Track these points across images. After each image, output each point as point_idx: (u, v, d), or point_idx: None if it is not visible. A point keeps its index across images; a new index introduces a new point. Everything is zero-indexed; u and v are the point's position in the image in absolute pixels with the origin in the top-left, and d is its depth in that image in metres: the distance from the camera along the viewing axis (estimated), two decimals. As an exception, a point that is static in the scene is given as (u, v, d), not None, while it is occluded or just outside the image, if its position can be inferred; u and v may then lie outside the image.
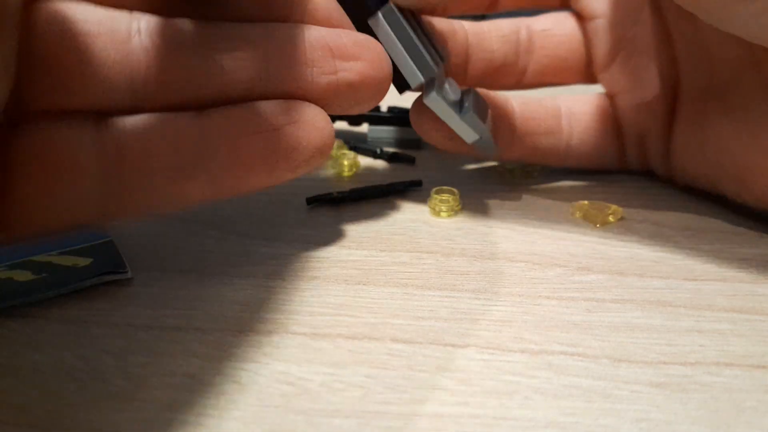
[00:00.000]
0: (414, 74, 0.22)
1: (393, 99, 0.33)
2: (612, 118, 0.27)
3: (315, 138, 0.19)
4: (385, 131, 0.32)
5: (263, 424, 0.15)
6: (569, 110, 0.27)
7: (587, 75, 0.27)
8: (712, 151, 0.24)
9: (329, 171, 0.29)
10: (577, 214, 0.25)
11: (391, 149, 0.31)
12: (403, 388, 0.16)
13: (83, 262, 0.20)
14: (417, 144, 0.32)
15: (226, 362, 0.16)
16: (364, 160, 0.30)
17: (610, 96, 0.27)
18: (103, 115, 0.17)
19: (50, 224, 0.17)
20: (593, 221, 0.24)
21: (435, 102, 0.22)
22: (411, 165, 0.30)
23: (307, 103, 0.19)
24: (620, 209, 0.25)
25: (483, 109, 0.24)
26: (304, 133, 0.19)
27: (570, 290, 0.20)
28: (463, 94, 0.23)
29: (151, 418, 0.15)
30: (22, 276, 0.19)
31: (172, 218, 0.24)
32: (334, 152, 0.30)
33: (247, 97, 0.19)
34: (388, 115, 0.32)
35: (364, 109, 0.21)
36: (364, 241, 0.23)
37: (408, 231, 0.23)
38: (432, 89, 0.22)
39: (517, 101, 0.26)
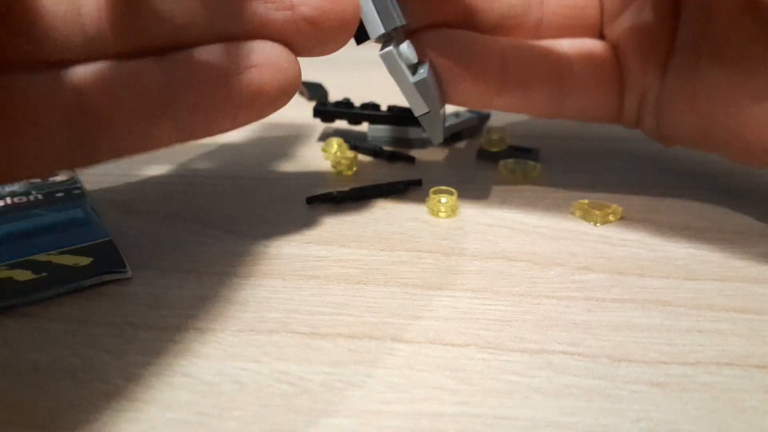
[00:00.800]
0: (376, 24, 0.21)
1: (393, 98, 0.33)
2: (615, 68, 0.26)
3: (278, 80, 0.19)
4: (386, 130, 0.32)
5: (263, 424, 0.15)
6: (568, 56, 0.25)
7: (599, 32, 0.26)
8: (703, 101, 0.23)
9: (329, 171, 0.29)
10: (577, 214, 0.25)
11: (391, 148, 0.31)
12: (403, 387, 0.16)
13: (83, 261, 0.20)
14: (417, 143, 0.32)
15: (226, 362, 0.16)
16: (364, 160, 0.30)
17: (615, 47, 0.26)
18: (62, 65, 0.18)
19: (16, 172, 0.18)
20: (593, 220, 0.24)
21: (389, 58, 0.22)
22: (411, 164, 0.30)
23: (270, 43, 0.19)
24: (620, 208, 0.25)
25: (436, 86, 0.23)
26: (267, 76, 0.19)
27: (570, 290, 0.20)
28: (420, 63, 0.22)
29: (151, 418, 0.15)
30: (22, 275, 0.19)
31: (172, 218, 0.24)
32: (334, 152, 0.30)
33: (205, 40, 0.19)
34: (388, 114, 0.32)
35: (331, 49, 0.20)
36: (364, 240, 0.23)
37: (408, 230, 0.23)
38: (390, 45, 0.21)
39: (510, 43, 0.25)
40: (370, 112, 0.32)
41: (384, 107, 0.33)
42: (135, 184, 0.27)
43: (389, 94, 0.33)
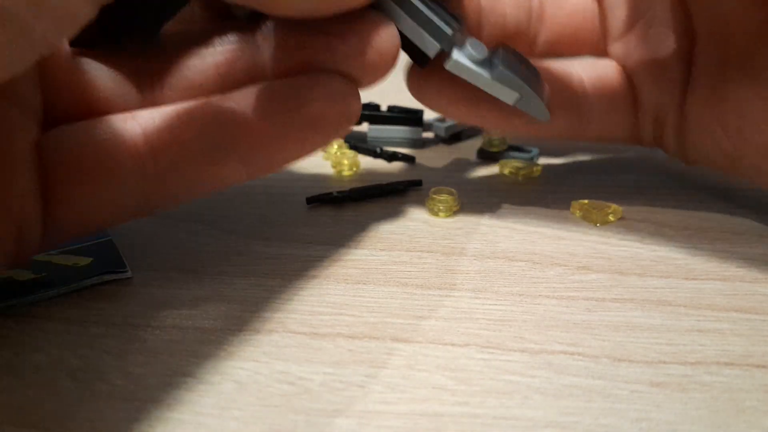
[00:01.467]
0: (429, 43, 0.20)
1: (393, 98, 0.33)
2: (628, 90, 0.25)
3: (340, 106, 0.20)
4: (386, 130, 0.32)
5: (263, 424, 0.15)
6: (582, 80, 0.25)
7: (599, 47, 0.26)
8: (732, 120, 0.23)
9: (329, 171, 0.29)
10: (577, 214, 0.25)
11: (391, 149, 0.31)
12: (403, 387, 0.16)
13: (83, 261, 0.20)
14: (417, 143, 0.32)
15: (225, 362, 0.16)
16: (364, 160, 0.30)
17: (623, 66, 0.26)
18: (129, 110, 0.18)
19: (94, 222, 0.18)
20: (593, 220, 0.24)
21: (458, 65, 0.21)
22: (411, 164, 0.30)
23: (328, 73, 0.20)
24: (620, 208, 0.25)
25: (519, 64, 0.22)
26: (329, 103, 0.19)
27: (570, 289, 0.20)
28: (492, 53, 0.22)
29: (151, 418, 0.15)
30: (22, 276, 0.19)
31: (172, 218, 0.24)
32: (334, 152, 0.30)
33: (271, 75, 0.20)
34: (388, 114, 0.32)
35: (378, 79, 0.20)
36: (364, 240, 0.23)
37: (408, 230, 0.23)
38: (453, 53, 0.21)
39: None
40: (370, 112, 0.32)
41: (384, 107, 0.33)
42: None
43: (389, 94, 0.33)
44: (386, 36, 0.19)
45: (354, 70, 0.20)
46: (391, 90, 0.25)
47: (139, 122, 0.18)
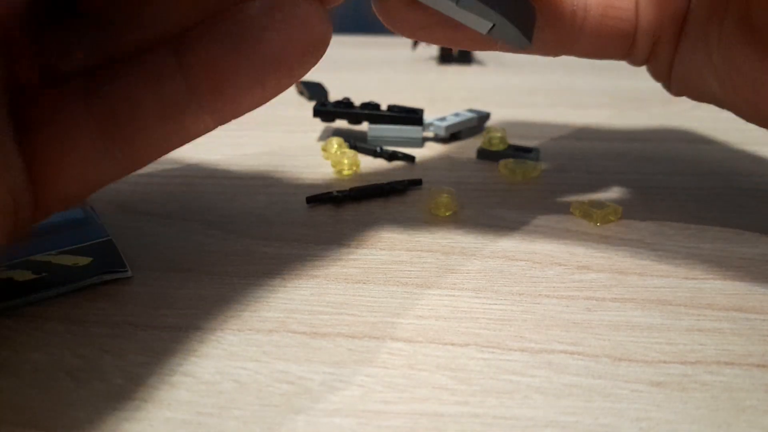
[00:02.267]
0: None
1: (393, 98, 0.33)
2: (632, 7, 0.24)
3: (303, 36, 0.18)
4: (385, 130, 0.32)
5: (263, 424, 0.15)
6: None
7: None
8: (722, 66, 0.22)
9: (329, 170, 0.29)
10: (577, 213, 0.25)
11: (391, 148, 0.31)
12: (403, 387, 0.16)
13: (83, 261, 0.20)
14: (417, 143, 0.32)
15: (225, 361, 0.16)
16: (364, 159, 0.30)
17: None
18: (89, 74, 0.18)
19: (71, 191, 0.18)
20: (593, 220, 0.24)
21: None
22: (411, 164, 0.30)
23: None
24: (620, 208, 0.25)
25: None
26: (288, 34, 0.17)
27: (570, 289, 0.20)
28: None
29: (151, 418, 0.15)
30: (22, 276, 0.19)
31: (172, 218, 0.24)
32: (334, 152, 0.30)
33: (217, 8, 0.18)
34: (388, 113, 0.32)
35: None
36: (364, 239, 0.23)
37: (408, 230, 0.23)
38: None
39: None
40: (370, 111, 0.32)
41: (384, 107, 0.33)
42: (135, 184, 0.27)
43: (389, 94, 0.33)
44: None
45: None
46: (391, 89, 0.25)
47: (98, 88, 0.18)
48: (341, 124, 0.34)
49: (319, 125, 0.34)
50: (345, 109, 0.32)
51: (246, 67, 0.18)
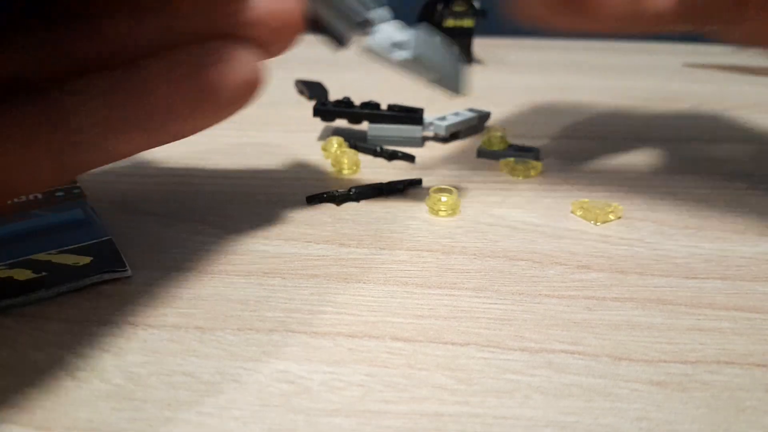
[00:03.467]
0: (344, 29, 0.21)
1: (393, 97, 0.33)
2: None
3: (239, 75, 0.19)
4: (385, 129, 0.32)
5: (263, 423, 0.15)
6: None
7: None
8: None
9: (329, 170, 0.29)
10: (578, 212, 0.25)
11: (391, 147, 0.31)
12: (403, 386, 0.16)
13: (83, 260, 0.20)
14: (417, 142, 0.32)
15: (225, 361, 0.16)
16: (364, 159, 0.30)
17: None
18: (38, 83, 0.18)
19: (11, 185, 0.18)
20: (594, 219, 0.24)
21: (372, 49, 0.22)
22: (411, 163, 0.30)
23: (230, 41, 0.19)
24: (620, 207, 0.25)
25: (436, 43, 0.23)
26: (227, 72, 0.19)
27: (570, 288, 0.20)
28: (412, 32, 0.22)
29: (150, 418, 0.15)
30: (22, 275, 0.19)
31: (172, 218, 0.24)
32: (334, 151, 0.30)
33: (169, 46, 0.19)
34: (388, 113, 0.32)
35: (281, 50, 0.20)
36: (364, 239, 0.23)
37: (408, 229, 0.23)
38: (369, 35, 0.22)
39: None
40: (370, 111, 0.32)
41: (384, 106, 0.33)
42: (135, 184, 0.27)
43: (389, 94, 0.33)
44: (288, 3, 0.19)
45: (257, 36, 0.19)
46: (391, 89, 0.24)
47: (51, 95, 0.18)
48: (341, 123, 0.34)
49: (319, 125, 0.34)
50: (345, 108, 0.32)
51: (183, 96, 0.19)
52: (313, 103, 0.38)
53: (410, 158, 0.30)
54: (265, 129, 0.34)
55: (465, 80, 0.23)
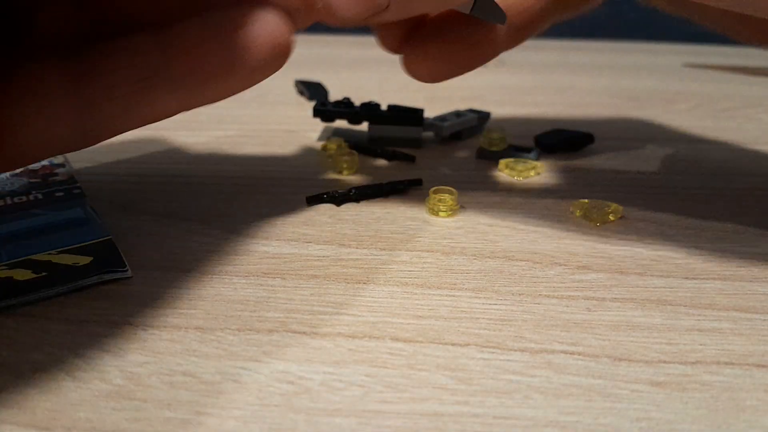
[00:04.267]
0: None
1: (393, 97, 0.33)
2: None
3: (269, 39, 0.19)
4: (386, 130, 0.32)
5: (263, 423, 0.15)
6: None
7: None
8: None
9: (329, 170, 0.29)
10: (578, 213, 0.25)
11: (391, 148, 0.31)
12: (403, 387, 0.16)
13: (83, 260, 0.20)
14: (417, 143, 0.32)
15: (225, 361, 0.16)
16: (364, 159, 0.30)
17: None
18: (63, 44, 0.18)
19: (28, 150, 0.18)
20: (593, 220, 0.24)
21: None
22: (411, 164, 0.30)
23: (261, 6, 0.20)
24: (620, 208, 0.25)
25: None
26: (258, 35, 0.19)
27: (570, 289, 0.20)
28: None
29: (150, 418, 0.15)
30: (22, 275, 0.19)
31: (172, 218, 0.24)
32: (334, 152, 0.30)
33: (198, 10, 0.19)
34: (388, 113, 0.32)
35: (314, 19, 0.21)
36: (364, 240, 0.23)
37: (408, 230, 0.23)
38: None
39: None
40: (370, 111, 0.32)
41: (384, 107, 0.33)
42: (135, 184, 0.27)
43: (389, 94, 0.33)
44: None
45: (286, 3, 0.20)
46: (391, 89, 0.25)
47: (73, 54, 0.18)
48: (341, 124, 0.34)
49: (319, 125, 0.34)
50: (345, 109, 0.32)
51: (215, 57, 0.19)
52: (313, 103, 0.38)
53: (410, 158, 0.30)
54: (265, 129, 0.34)
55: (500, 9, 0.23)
